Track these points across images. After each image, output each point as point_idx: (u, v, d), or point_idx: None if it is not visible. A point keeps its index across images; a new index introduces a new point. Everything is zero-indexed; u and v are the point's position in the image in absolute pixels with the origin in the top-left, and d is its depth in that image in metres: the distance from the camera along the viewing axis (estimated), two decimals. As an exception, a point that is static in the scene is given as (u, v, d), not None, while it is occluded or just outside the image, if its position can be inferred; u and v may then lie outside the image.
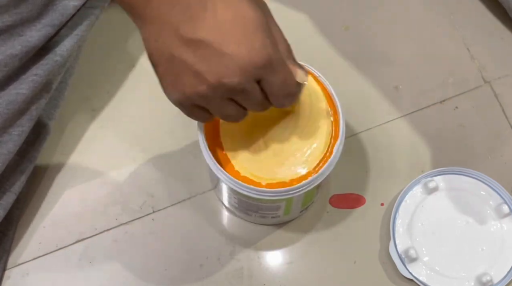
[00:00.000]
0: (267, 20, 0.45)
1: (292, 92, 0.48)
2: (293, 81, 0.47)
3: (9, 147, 0.56)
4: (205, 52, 0.43)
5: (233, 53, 0.42)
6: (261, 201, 0.55)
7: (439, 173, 0.66)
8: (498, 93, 0.71)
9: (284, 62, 0.46)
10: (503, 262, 0.63)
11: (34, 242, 0.64)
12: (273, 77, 0.45)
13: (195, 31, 0.42)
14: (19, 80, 0.56)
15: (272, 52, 0.44)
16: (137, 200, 0.66)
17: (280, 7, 0.75)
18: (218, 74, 0.43)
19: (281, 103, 0.48)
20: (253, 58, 0.43)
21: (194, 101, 0.45)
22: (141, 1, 0.43)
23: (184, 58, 0.43)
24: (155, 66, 0.45)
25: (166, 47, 0.43)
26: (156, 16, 0.43)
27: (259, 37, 0.43)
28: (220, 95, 0.45)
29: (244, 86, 0.44)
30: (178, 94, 0.45)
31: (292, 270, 0.64)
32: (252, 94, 0.45)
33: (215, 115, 0.48)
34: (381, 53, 0.73)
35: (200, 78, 0.43)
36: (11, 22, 0.53)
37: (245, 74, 0.43)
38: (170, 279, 0.63)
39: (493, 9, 0.75)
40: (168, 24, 0.43)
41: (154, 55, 0.45)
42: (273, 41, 0.44)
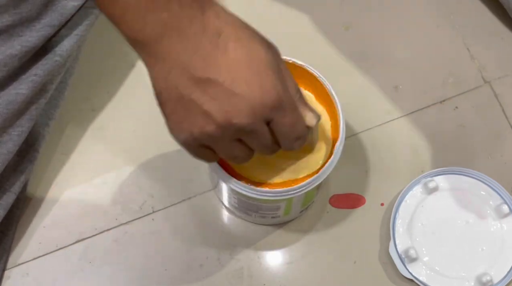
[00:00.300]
0: (278, 62, 0.44)
1: (301, 135, 0.47)
2: (303, 124, 0.46)
3: (8, 147, 0.56)
4: (215, 91, 0.42)
5: (243, 93, 0.42)
6: (261, 201, 0.55)
7: (439, 173, 0.66)
8: (498, 93, 0.71)
9: (294, 104, 0.45)
10: (503, 262, 0.63)
11: (34, 242, 0.64)
12: (283, 119, 0.44)
13: (206, 70, 0.42)
14: (19, 80, 0.56)
15: (283, 94, 0.43)
16: (137, 200, 0.66)
17: (280, 7, 0.75)
18: (228, 114, 0.42)
19: (290, 146, 0.47)
20: (263, 99, 0.42)
21: (202, 142, 0.45)
22: (152, 39, 0.42)
23: (194, 97, 0.42)
24: (163, 105, 0.44)
25: (175, 86, 0.42)
26: (166, 54, 0.42)
27: (270, 78, 0.42)
28: (228, 136, 0.44)
29: (253, 127, 0.43)
30: (185, 134, 0.44)
31: (292, 270, 0.64)
32: (261, 136, 0.45)
33: (222, 156, 0.47)
34: (381, 53, 0.73)
35: (209, 118, 0.42)
36: (10, 22, 0.53)
37: (255, 115, 0.43)
38: (170, 279, 0.63)
39: (493, 9, 0.75)
40: (178, 62, 0.42)
41: (163, 94, 0.44)
42: (284, 83, 0.44)
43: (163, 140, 0.68)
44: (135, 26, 0.42)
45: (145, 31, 0.42)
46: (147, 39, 0.42)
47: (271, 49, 0.44)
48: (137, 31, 0.42)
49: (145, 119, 0.69)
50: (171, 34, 0.42)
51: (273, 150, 0.47)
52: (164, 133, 0.67)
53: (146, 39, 0.42)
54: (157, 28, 0.42)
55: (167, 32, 0.42)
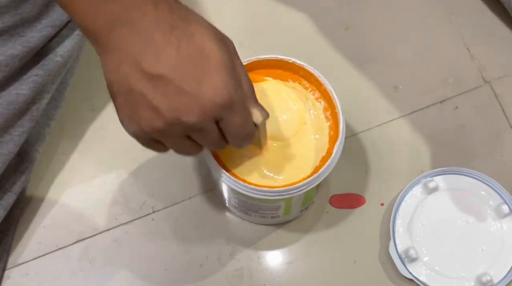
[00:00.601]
0: (232, 59, 0.44)
1: (249, 134, 0.47)
2: (251, 122, 0.46)
3: (9, 147, 0.56)
4: (165, 88, 0.42)
5: (193, 92, 0.41)
6: (261, 201, 0.55)
7: (439, 173, 0.66)
8: (498, 93, 0.71)
9: (244, 104, 0.45)
10: (503, 262, 0.63)
11: (34, 242, 0.64)
12: (233, 118, 0.44)
13: (157, 66, 0.41)
14: (20, 81, 0.56)
15: (234, 93, 0.43)
16: (137, 200, 0.66)
17: (280, 7, 0.75)
18: (176, 111, 0.42)
19: (238, 144, 0.47)
20: (214, 98, 0.42)
21: (151, 136, 0.44)
22: (103, 29, 0.42)
23: (144, 92, 0.42)
24: (113, 97, 0.44)
25: (125, 79, 0.42)
26: (117, 46, 0.42)
27: (222, 77, 0.42)
28: (177, 132, 0.44)
29: (202, 125, 0.43)
30: (134, 127, 0.44)
31: (292, 270, 0.64)
32: (209, 134, 0.44)
33: (171, 148, 0.47)
34: (381, 53, 0.73)
35: (158, 113, 0.42)
36: (11, 22, 0.53)
37: (204, 114, 0.42)
38: (170, 279, 0.63)
39: (493, 9, 0.75)
40: (129, 55, 0.42)
41: (113, 86, 0.43)
42: (236, 81, 0.43)
43: (163, 141, 0.68)
44: (86, 16, 0.42)
45: (96, 22, 0.42)
46: (98, 30, 0.42)
47: (225, 46, 0.44)
48: (89, 22, 0.42)
49: (145, 119, 0.69)
50: (122, 27, 0.41)
51: (221, 146, 0.47)
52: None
53: (97, 29, 0.42)
54: (108, 19, 0.41)
55: (118, 24, 0.41)
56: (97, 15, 0.41)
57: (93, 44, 0.43)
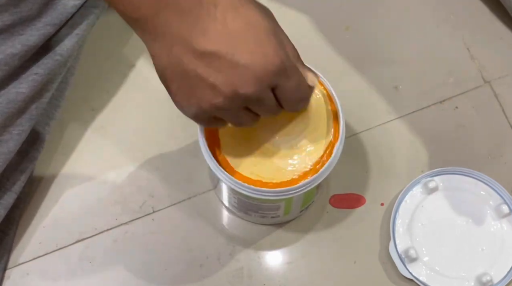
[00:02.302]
0: (275, 26, 0.45)
1: (305, 96, 0.48)
2: (306, 85, 0.47)
3: (9, 146, 0.56)
4: (219, 64, 0.42)
5: (247, 63, 0.42)
6: (261, 201, 0.55)
7: (439, 173, 0.66)
8: (498, 93, 0.71)
9: (296, 68, 0.46)
10: (503, 262, 0.63)
11: (34, 242, 0.64)
12: (287, 83, 0.45)
13: (207, 43, 0.42)
14: (19, 79, 0.56)
15: (285, 59, 0.44)
16: (137, 200, 0.66)
17: (280, 7, 0.75)
18: (234, 85, 0.43)
19: (294, 108, 0.48)
20: (267, 66, 0.43)
21: (211, 114, 0.45)
22: (149, 15, 0.42)
23: (198, 71, 0.43)
24: (167, 82, 0.45)
25: (178, 62, 0.43)
26: (165, 30, 0.42)
27: (271, 45, 0.43)
28: (236, 106, 0.45)
29: (259, 95, 0.44)
30: (194, 108, 0.45)
31: (292, 270, 0.64)
32: (267, 102, 0.45)
33: (230, 123, 0.48)
34: (381, 53, 0.73)
35: (216, 90, 0.43)
36: (11, 21, 0.53)
37: (260, 83, 0.43)
38: (170, 279, 0.63)
39: (493, 9, 0.75)
40: (178, 38, 0.42)
41: (166, 71, 0.44)
42: (284, 48, 0.44)
43: (163, 140, 0.68)
44: (131, 4, 0.42)
45: (142, 9, 0.42)
46: (144, 16, 0.42)
47: (268, 14, 0.45)
48: (134, 10, 0.43)
49: (145, 119, 0.69)
50: (168, 10, 0.42)
51: (277, 113, 0.48)
52: (164, 133, 0.68)
53: (143, 16, 0.43)
54: (153, 4, 0.42)
55: (164, 8, 0.42)
56: (142, 3, 0.42)
57: (139, 33, 0.44)
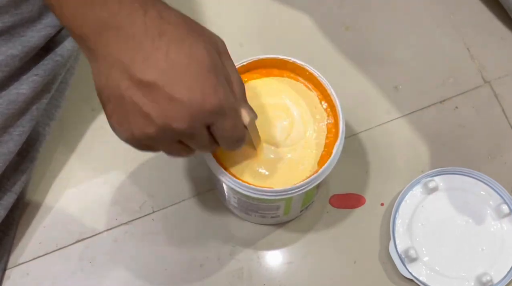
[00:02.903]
0: (222, 60, 0.44)
1: (241, 137, 0.47)
2: (241, 126, 0.46)
3: (9, 146, 0.56)
4: (155, 95, 0.41)
5: (183, 98, 0.41)
6: (261, 201, 0.55)
7: (439, 173, 0.66)
8: (498, 93, 0.71)
9: (234, 108, 0.45)
10: (503, 262, 0.63)
11: (34, 242, 0.64)
12: (223, 123, 0.44)
13: (146, 73, 0.41)
14: (20, 80, 0.56)
15: (224, 98, 0.43)
16: (137, 200, 0.66)
17: (280, 7, 0.75)
18: (167, 118, 0.42)
19: (230, 147, 0.47)
20: (203, 104, 0.42)
21: (143, 142, 0.44)
22: (91, 35, 0.41)
23: (134, 99, 0.42)
24: (104, 103, 0.44)
25: (115, 86, 0.42)
26: (106, 52, 0.42)
27: (211, 83, 0.42)
28: (168, 138, 0.44)
29: (193, 131, 0.43)
30: (126, 134, 0.44)
31: (292, 270, 0.64)
32: (200, 139, 0.44)
33: (165, 153, 0.47)
34: (381, 53, 0.73)
35: (148, 120, 0.42)
36: (11, 22, 0.53)
37: (194, 120, 0.42)
38: (170, 279, 0.63)
39: (493, 9, 0.75)
40: (119, 62, 0.41)
41: (103, 92, 0.43)
42: (226, 86, 0.43)
43: (163, 140, 0.68)
44: (75, 22, 0.42)
45: (85, 27, 0.42)
46: (86, 35, 0.42)
47: (215, 49, 0.44)
48: (77, 27, 0.42)
49: (145, 119, 0.69)
50: (111, 33, 0.41)
51: (212, 149, 0.47)
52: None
53: (85, 35, 0.42)
54: (96, 25, 0.41)
55: (107, 31, 0.41)
56: (85, 21, 0.41)
57: (82, 50, 0.43)
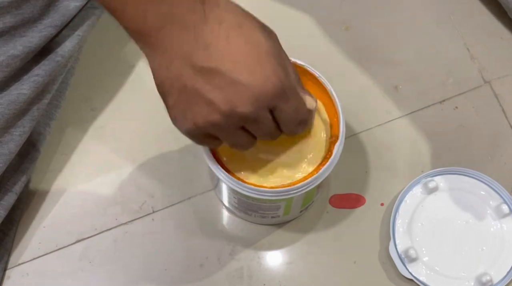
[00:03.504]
0: (278, 48, 0.45)
1: (304, 119, 0.47)
2: (305, 108, 0.47)
3: (10, 147, 0.56)
4: (218, 81, 0.42)
5: (246, 82, 0.42)
6: (261, 201, 0.55)
7: (439, 173, 0.66)
8: (498, 93, 0.71)
9: (295, 91, 0.45)
10: (503, 262, 0.63)
11: (34, 242, 0.64)
12: (286, 105, 0.45)
13: (208, 60, 0.42)
14: (21, 81, 0.56)
15: (285, 81, 0.43)
16: (137, 200, 0.66)
17: (280, 7, 0.75)
18: (231, 103, 0.42)
19: (293, 131, 0.48)
20: (266, 87, 0.42)
21: (206, 131, 0.45)
22: (153, 29, 0.42)
23: (197, 87, 0.42)
24: (165, 95, 0.44)
25: (177, 76, 0.43)
26: (168, 45, 0.42)
27: (272, 66, 0.43)
28: (232, 124, 0.44)
29: (257, 115, 0.44)
30: (189, 124, 0.44)
31: (292, 270, 0.64)
32: (265, 123, 0.45)
33: (225, 142, 0.47)
34: (381, 53, 0.73)
35: (212, 107, 0.43)
36: (12, 23, 0.54)
37: (258, 103, 0.43)
38: (170, 279, 0.63)
39: (493, 9, 0.75)
40: (180, 52, 0.42)
41: (165, 84, 0.44)
42: (285, 70, 0.44)
43: (163, 141, 0.68)
44: (135, 18, 0.42)
45: (146, 23, 0.42)
46: (148, 31, 0.42)
47: (271, 36, 0.45)
48: (138, 24, 0.42)
49: (145, 119, 0.69)
50: (172, 25, 0.42)
51: (276, 136, 0.48)
52: (164, 133, 0.68)
53: (147, 31, 0.42)
54: (157, 19, 0.42)
55: (168, 23, 0.42)
56: (146, 16, 0.42)
57: (141, 46, 0.44)
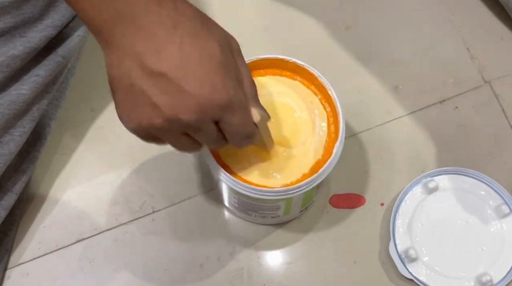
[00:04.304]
0: (235, 58, 0.44)
1: (249, 133, 0.47)
2: (251, 123, 0.46)
3: (10, 147, 0.56)
4: (166, 85, 0.42)
5: (193, 91, 0.42)
6: (261, 201, 0.55)
7: (439, 173, 0.66)
8: (498, 93, 0.71)
9: (244, 105, 0.45)
10: (503, 262, 0.63)
11: (34, 242, 0.64)
12: (231, 119, 0.44)
13: (158, 63, 0.41)
14: (21, 81, 0.56)
15: (233, 94, 0.43)
16: (137, 200, 0.66)
17: (280, 7, 0.75)
18: (175, 109, 0.42)
19: (238, 144, 0.47)
20: (212, 98, 0.42)
21: (150, 132, 0.45)
22: (107, 25, 0.42)
23: (144, 88, 0.42)
24: (114, 92, 0.44)
25: (127, 75, 0.42)
26: (120, 42, 0.42)
27: (222, 77, 0.42)
28: (175, 130, 0.44)
29: (200, 124, 0.43)
30: (133, 123, 0.44)
31: (292, 270, 0.64)
32: (208, 133, 0.45)
33: (170, 145, 0.47)
34: (381, 53, 0.73)
35: (156, 110, 0.42)
36: (13, 23, 0.54)
37: (202, 113, 0.43)
38: (170, 279, 0.63)
39: (493, 9, 0.75)
40: (132, 52, 0.42)
41: (114, 81, 0.43)
42: (236, 83, 0.44)
43: (163, 140, 0.68)
44: (90, 12, 0.42)
45: (100, 18, 0.42)
46: (102, 25, 0.42)
47: (228, 46, 0.44)
48: (93, 17, 0.42)
49: (145, 119, 0.69)
50: (126, 23, 0.42)
51: (220, 145, 0.47)
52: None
53: (101, 25, 0.42)
54: (112, 15, 0.42)
55: (122, 21, 0.42)
56: (102, 11, 0.42)
57: (97, 40, 0.44)
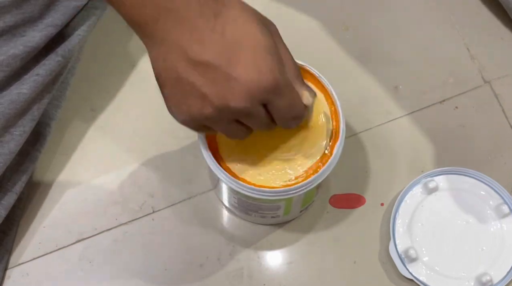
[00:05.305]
0: (276, 42, 0.45)
1: (298, 115, 0.48)
2: (299, 104, 0.47)
3: (10, 146, 0.56)
4: (212, 74, 0.42)
5: (240, 77, 0.42)
6: (261, 201, 0.55)
7: (439, 173, 0.66)
8: (498, 93, 0.71)
9: (291, 86, 0.45)
10: (503, 262, 0.63)
11: (34, 242, 0.64)
12: (280, 101, 0.45)
13: (203, 53, 0.42)
14: (21, 80, 0.56)
15: (279, 76, 0.44)
16: (137, 200, 0.66)
17: (280, 7, 0.75)
18: (224, 97, 0.43)
19: (287, 125, 0.48)
20: (260, 82, 0.43)
21: (200, 122, 0.45)
22: (149, 20, 0.43)
23: (191, 80, 0.43)
24: (162, 86, 0.45)
25: (173, 68, 0.43)
26: (163, 36, 0.43)
27: (266, 61, 0.43)
28: (226, 118, 0.45)
29: (250, 110, 0.44)
30: (184, 115, 0.45)
31: (292, 270, 0.64)
32: (258, 117, 0.45)
33: (221, 133, 0.48)
34: (381, 53, 0.73)
35: (206, 101, 0.43)
36: (13, 22, 0.54)
37: (251, 99, 0.43)
38: (170, 279, 0.63)
39: (493, 9, 0.75)
40: (176, 45, 0.43)
41: (162, 76, 0.44)
42: (281, 64, 0.44)
43: (163, 141, 0.68)
44: (133, 9, 0.43)
45: (143, 14, 0.43)
46: (145, 21, 0.43)
47: (268, 29, 0.44)
48: (136, 14, 0.43)
49: (145, 119, 0.69)
50: (168, 17, 0.42)
51: (270, 128, 0.48)
52: (164, 133, 0.68)
53: (144, 21, 0.43)
54: (154, 10, 0.42)
55: (164, 15, 0.42)
56: (143, 7, 0.42)
57: (140, 36, 0.44)
